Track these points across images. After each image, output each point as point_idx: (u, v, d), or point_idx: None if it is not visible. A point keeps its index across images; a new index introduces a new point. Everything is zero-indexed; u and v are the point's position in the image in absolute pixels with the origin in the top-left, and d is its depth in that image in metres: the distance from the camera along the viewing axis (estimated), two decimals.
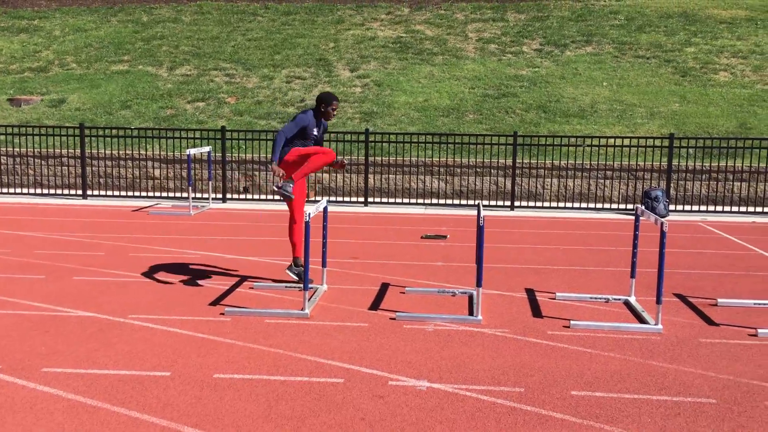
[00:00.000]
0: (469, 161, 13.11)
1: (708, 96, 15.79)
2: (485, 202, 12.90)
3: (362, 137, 13.10)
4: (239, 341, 5.18)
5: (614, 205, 12.84)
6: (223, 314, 5.82)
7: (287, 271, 6.69)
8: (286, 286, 6.72)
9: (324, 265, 6.66)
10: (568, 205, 12.73)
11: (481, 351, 5.12)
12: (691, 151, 13.36)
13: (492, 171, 13.07)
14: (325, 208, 6.62)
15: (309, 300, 6.19)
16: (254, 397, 4.22)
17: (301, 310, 5.85)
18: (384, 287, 6.87)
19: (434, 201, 12.99)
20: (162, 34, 19.68)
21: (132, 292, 6.46)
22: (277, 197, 13.14)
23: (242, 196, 13.12)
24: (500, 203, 12.81)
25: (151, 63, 18.02)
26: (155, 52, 18.59)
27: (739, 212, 12.17)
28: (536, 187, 13.02)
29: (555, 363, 4.90)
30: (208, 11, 21.33)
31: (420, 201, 12.95)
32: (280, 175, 6.29)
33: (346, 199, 13.12)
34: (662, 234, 5.47)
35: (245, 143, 13.85)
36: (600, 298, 6.54)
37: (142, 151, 13.59)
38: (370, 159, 13.02)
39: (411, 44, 18.84)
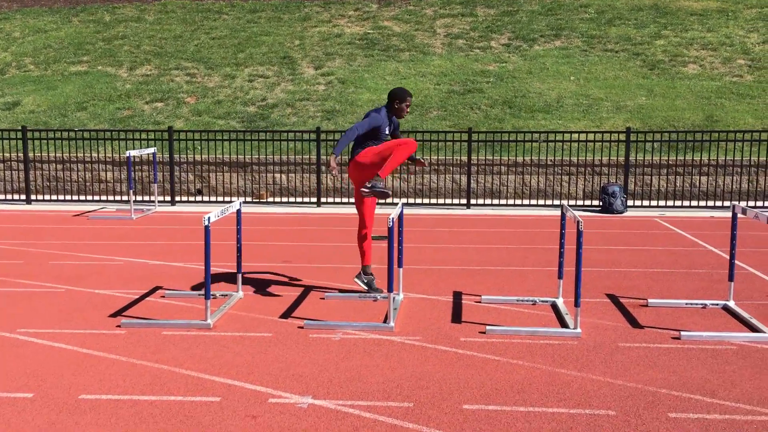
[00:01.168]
0: (423, 158, 12.80)
1: (675, 89, 15.51)
2: (442, 200, 12.60)
3: (314, 135, 12.73)
4: (124, 357, 4.86)
5: (573, 202, 12.54)
6: (119, 326, 5.50)
7: (355, 280, 6.40)
8: (200, 294, 6.41)
9: (239, 270, 6.35)
10: (525, 202, 12.43)
11: (382, 362, 4.81)
12: (649, 146, 13.06)
13: (449, 168, 12.76)
14: (238, 211, 6.30)
15: (218, 309, 5.88)
16: (114, 420, 3.90)
17: (203, 320, 5.54)
18: (306, 292, 6.57)
19: (389, 200, 12.67)
20: (124, 34, 19.31)
21: (33, 304, 6.14)
22: (227, 198, 12.80)
23: (193, 199, 12.78)
24: (457, 201, 12.50)
25: (110, 63, 17.66)
26: (116, 52, 18.23)
27: (698, 207, 11.89)
28: (493, 184, 12.73)
29: (456, 373, 4.60)
30: (172, 10, 20.96)
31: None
32: (334, 171, 5.97)
33: (299, 199, 12.80)
34: (578, 233, 5.19)
35: (200, 143, 13.51)
36: (527, 301, 6.25)
37: (92, 154, 13.24)
38: (323, 158, 12.68)
39: (378, 41, 18.52)
